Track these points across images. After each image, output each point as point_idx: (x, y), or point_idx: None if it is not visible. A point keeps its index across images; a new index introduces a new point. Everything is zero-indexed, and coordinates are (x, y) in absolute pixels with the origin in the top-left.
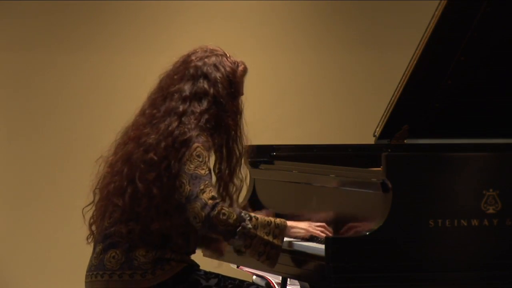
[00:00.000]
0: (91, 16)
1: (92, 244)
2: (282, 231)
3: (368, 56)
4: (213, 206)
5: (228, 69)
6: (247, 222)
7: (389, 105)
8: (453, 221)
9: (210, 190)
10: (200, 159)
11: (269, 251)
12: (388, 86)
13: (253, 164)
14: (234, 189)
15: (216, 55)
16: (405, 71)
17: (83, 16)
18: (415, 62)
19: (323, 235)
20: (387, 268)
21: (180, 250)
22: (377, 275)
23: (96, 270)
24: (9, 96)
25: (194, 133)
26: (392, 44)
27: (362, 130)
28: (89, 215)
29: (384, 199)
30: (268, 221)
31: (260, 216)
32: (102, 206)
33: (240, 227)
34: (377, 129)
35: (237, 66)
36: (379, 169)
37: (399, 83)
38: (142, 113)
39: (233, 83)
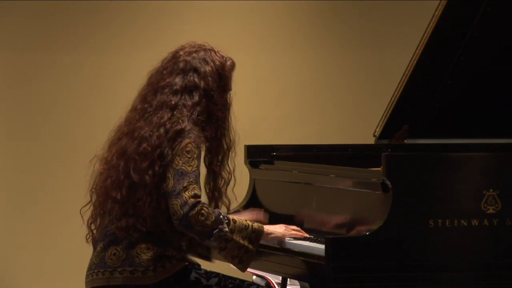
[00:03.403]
0: (91, 16)
1: (91, 244)
2: (258, 236)
3: (368, 56)
4: (193, 205)
5: (217, 63)
6: (225, 225)
7: (389, 105)
8: (453, 221)
9: (194, 187)
10: (189, 155)
11: (242, 255)
12: (388, 86)
13: (253, 164)
14: (222, 182)
15: (205, 49)
16: (405, 71)
17: (83, 16)
18: (415, 62)
19: (300, 235)
20: (387, 268)
21: (177, 246)
22: (377, 275)
23: (97, 268)
24: (9, 96)
25: (187, 125)
26: (392, 44)
27: (362, 130)
28: (87, 215)
29: (384, 199)
30: (245, 225)
31: (239, 219)
32: (100, 203)
33: (217, 230)
34: (377, 129)
35: (225, 60)
36: (379, 169)
37: (399, 83)
38: (134, 109)
39: (222, 77)
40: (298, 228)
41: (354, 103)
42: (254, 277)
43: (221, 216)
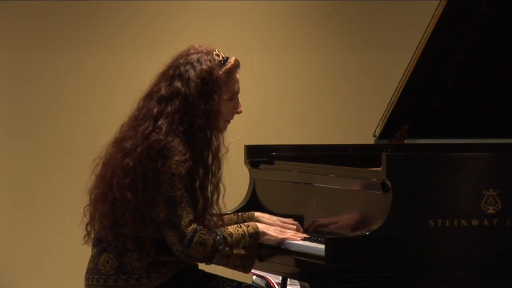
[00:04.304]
0: (91, 16)
1: (89, 244)
2: (256, 239)
3: (368, 56)
4: (191, 237)
5: (204, 67)
6: (223, 245)
7: (389, 105)
8: (453, 221)
9: (187, 212)
10: (175, 178)
11: (245, 262)
12: (388, 86)
13: (253, 164)
14: (211, 188)
15: (198, 52)
16: (405, 71)
17: (83, 16)
18: (415, 62)
19: (293, 238)
20: (387, 268)
21: (170, 251)
22: (377, 275)
23: (92, 273)
24: (9, 96)
25: (169, 140)
26: (392, 44)
27: (362, 130)
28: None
29: (384, 199)
30: (242, 234)
31: (234, 229)
32: (92, 210)
33: (217, 252)
34: (377, 129)
35: (223, 63)
36: (379, 169)
37: (399, 83)
38: (130, 114)
39: (208, 81)
40: (294, 230)
41: (354, 103)
42: (254, 277)
43: (218, 237)
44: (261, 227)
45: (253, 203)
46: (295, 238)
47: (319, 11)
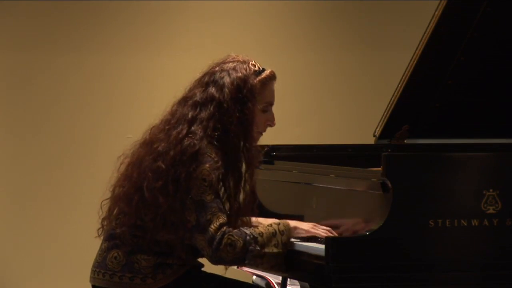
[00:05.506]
0: (91, 16)
1: (101, 238)
2: (288, 236)
3: (368, 56)
4: (220, 240)
5: (239, 74)
6: (253, 244)
7: (389, 105)
8: (453, 221)
9: (217, 217)
10: (206, 183)
11: (280, 260)
12: (388, 86)
13: None
14: (243, 195)
15: (233, 61)
16: (405, 71)
17: (83, 16)
18: (415, 62)
19: (324, 235)
20: (387, 268)
21: (178, 256)
22: (377, 275)
23: (99, 267)
24: (9, 95)
25: (202, 146)
26: (392, 44)
27: (362, 130)
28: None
29: (384, 199)
30: (273, 232)
31: (264, 229)
32: (111, 205)
33: (248, 252)
34: (377, 129)
35: (258, 72)
36: (379, 169)
37: (399, 83)
38: (162, 117)
39: (242, 89)
40: (329, 229)
41: (354, 103)
42: (254, 277)
43: (248, 237)
44: (292, 223)
45: None
46: (324, 235)
47: (319, 11)
